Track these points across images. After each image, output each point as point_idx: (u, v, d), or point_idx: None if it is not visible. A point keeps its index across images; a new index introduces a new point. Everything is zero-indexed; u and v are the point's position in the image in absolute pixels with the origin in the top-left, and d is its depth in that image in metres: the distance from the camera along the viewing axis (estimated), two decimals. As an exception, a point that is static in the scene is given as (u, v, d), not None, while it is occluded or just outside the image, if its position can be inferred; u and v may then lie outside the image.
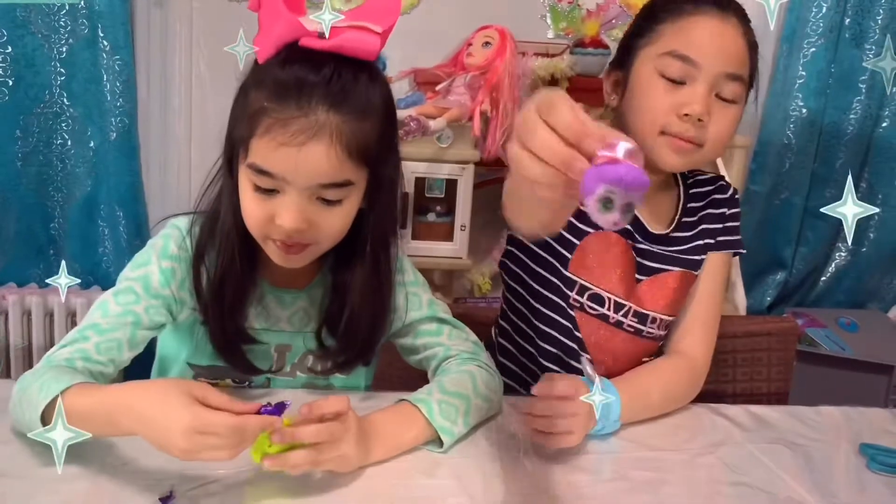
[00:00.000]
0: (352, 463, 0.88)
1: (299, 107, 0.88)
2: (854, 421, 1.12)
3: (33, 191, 2.15)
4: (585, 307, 1.17)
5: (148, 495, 0.81)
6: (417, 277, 1.12)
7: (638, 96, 1.12)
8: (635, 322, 1.18)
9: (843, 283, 2.44)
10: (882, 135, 2.30)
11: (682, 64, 1.07)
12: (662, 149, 1.10)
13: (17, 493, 0.81)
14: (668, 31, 1.10)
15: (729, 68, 1.08)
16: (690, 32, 1.09)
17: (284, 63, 0.90)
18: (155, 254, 1.00)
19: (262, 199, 0.92)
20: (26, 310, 2.10)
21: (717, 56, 1.07)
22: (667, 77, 1.08)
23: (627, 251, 1.17)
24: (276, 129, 0.88)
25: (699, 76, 1.07)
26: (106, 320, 0.97)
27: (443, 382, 1.01)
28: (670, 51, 1.08)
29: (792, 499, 0.90)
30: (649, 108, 1.10)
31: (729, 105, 1.10)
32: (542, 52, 2.19)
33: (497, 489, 0.89)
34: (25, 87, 2.07)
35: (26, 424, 0.87)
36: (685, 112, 1.07)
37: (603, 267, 1.16)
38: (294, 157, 0.88)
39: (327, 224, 0.94)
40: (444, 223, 2.03)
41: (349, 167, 0.91)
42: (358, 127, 0.90)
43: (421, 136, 1.90)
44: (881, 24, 2.21)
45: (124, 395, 0.84)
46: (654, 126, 1.09)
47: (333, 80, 0.89)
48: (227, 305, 0.99)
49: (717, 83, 1.08)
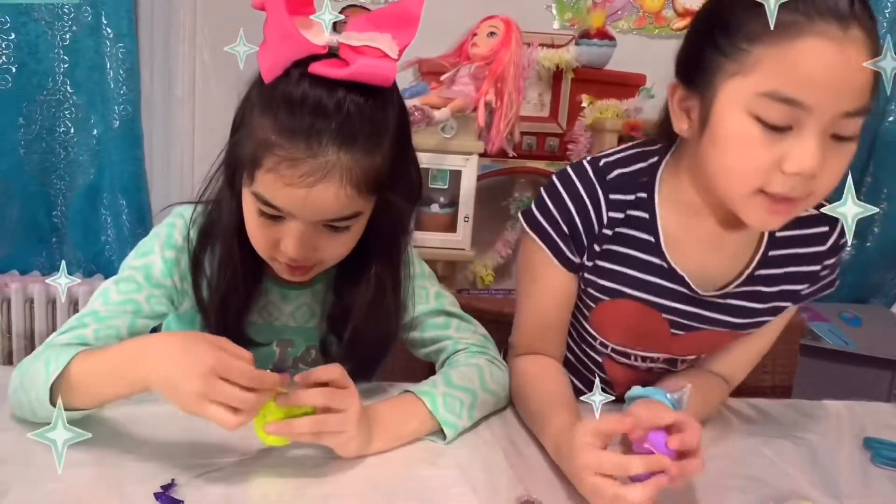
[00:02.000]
0: (352, 444, 0.88)
1: (308, 147, 0.84)
2: (858, 415, 1.12)
3: (36, 179, 2.15)
4: (612, 357, 1.11)
5: (149, 483, 0.81)
6: (424, 269, 1.11)
7: (725, 145, 0.85)
8: (666, 365, 1.10)
9: (847, 278, 2.42)
10: (888, 129, 2.29)
11: (786, 108, 0.80)
12: (757, 211, 0.86)
13: (19, 481, 0.81)
14: (768, 58, 0.80)
15: (851, 105, 0.80)
16: (799, 64, 0.78)
17: (293, 93, 0.84)
18: (158, 243, 1.00)
19: (266, 224, 0.90)
20: (29, 297, 2.10)
21: (836, 96, 0.79)
22: (766, 123, 0.81)
23: (651, 317, 1.02)
24: (284, 168, 0.84)
25: (810, 121, 0.80)
26: (106, 308, 0.97)
27: (449, 375, 1.01)
28: (772, 91, 0.80)
29: (796, 492, 0.90)
30: (743, 165, 0.84)
31: (845, 143, 0.83)
32: (548, 43, 2.18)
33: (500, 480, 0.88)
34: (28, 75, 2.07)
35: (29, 405, 0.87)
36: (793, 171, 0.81)
37: (623, 331, 1.06)
38: (302, 198, 0.85)
39: (333, 247, 0.93)
40: (448, 214, 2.03)
41: (358, 201, 0.88)
42: (369, 162, 0.87)
43: (425, 126, 1.89)
44: (889, 18, 2.20)
45: (146, 339, 0.87)
46: (748, 186, 0.85)
47: (345, 120, 0.84)
48: (228, 320, 0.99)
49: (833, 125, 0.81)
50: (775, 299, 1.02)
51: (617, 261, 1.00)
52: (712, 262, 0.99)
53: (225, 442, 0.90)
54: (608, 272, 1.01)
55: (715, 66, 0.84)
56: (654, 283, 1.00)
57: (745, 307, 1.02)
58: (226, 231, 0.96)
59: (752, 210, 0.87)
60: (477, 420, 1.00)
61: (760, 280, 1.01)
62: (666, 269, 0.99)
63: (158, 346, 0.84)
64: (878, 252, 2.39)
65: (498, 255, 2.34)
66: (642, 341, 1.07)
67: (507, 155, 2.08)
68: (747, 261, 1.00)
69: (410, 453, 0.93)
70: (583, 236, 0.99)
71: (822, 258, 1.01)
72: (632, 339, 1.07)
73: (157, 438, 0.90)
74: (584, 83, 2.19)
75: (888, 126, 2.29)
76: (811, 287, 1.04)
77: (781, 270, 1.01)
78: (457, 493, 0.85)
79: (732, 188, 0.87)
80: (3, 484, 0.80)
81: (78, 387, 0.84)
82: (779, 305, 1.03)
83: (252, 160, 0.87)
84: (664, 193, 0.98)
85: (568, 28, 2.28)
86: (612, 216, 0.98)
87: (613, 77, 2.21)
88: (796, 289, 1.02)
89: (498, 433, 1.00)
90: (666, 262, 0.99)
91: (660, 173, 0.99)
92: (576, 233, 0.99)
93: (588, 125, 2.13)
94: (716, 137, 0.86)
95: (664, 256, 0.99)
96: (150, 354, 0.82)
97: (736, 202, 0.88)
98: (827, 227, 1.00)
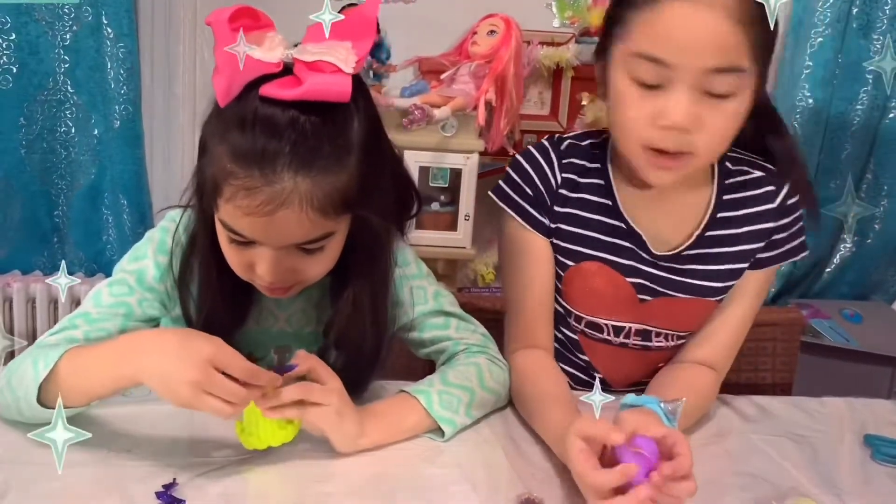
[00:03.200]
0: (345, 428, 0.88)
1: (263, 175, 0.80)
2: (858, 412, 1.12)
3: (37, 179, 2.15)
4: (586, 332, 1.14)
5: (151, 482, 0.81)
6: (421, 269, 1.10)
7: (614, 104, 0.96)
8: (639, 340, 1.12)
9: (848, 275, 2.43)
10: (889, 126, 2.28)
11: (653, 66, 0.89)
12: (646, 166, 0.95)
13: (19, 480, 0.81)
14: (638, 22, 0.90)
15: (712, 62, 0.87)
16: (657, 25, 0.89)
17: (246, 117, 0.81)
18: (152, 248, 0.99)
19: (239, 249, 0.88)
20: (31, 297, 2.11)
21: (693, 53, 0.87)
22: (639, 82, 0.91)
23: (617, 281, 1.07)
24: (241, 198, 0.81)
25: (675, 77, 0.89)
26: (97, 310, 0.97)
27: (446, 374, 1.01)
28: (638, 51, 0.90)
29: (796, 489, 0.90)
30: (625, 120, 0.94)
31: (723, 101, 0.90)
32: (548, 42, 2.18)
33: (500, 478, 0.88)
34: (29, 75, 2.07)
35: (16, 405, 0.87)
36: (665, 124, 0.90)
37: (591, 297, 1.10)
38: (263, 226, 0.83)
39: (309, 269, 0.91)
40: (448, 213, 2.03)
41: (326, 224, 0.85)
42: (331, 184, 0.83)
43: (425, 125, 1.89)
44: (889, 15, 2.19)
45: (137, 334, 0.88)
46: (634, 141, 0.94)
47: (299, 141, 0.80)
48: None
49: (701, 81, 0.88)
50: (732, 261, 1.06)
51: (579, 224, 1.07)
52: (665, 225, 1.06)
53: (226, 441, 0.90)
54: (572, 235, 1.07)
55: (610, 35, 0.96)
56: (614, 244, 1.06)
57: (703, 270, 1.06)
58: (204, 255, 0.94)
59: (642, 165, 0.96)
60: (478, 418, 1.00)
61: (712, 241, 1.06)
62: (625, 229, 1.06)
63: (151, 340, 0.84)
64: (879, 249, 2.39)
65: (499, 253, 2.35)
66: (612, 309, 1.09)
67: (508, 153, 2.08)
68: (697, 222, 1.06)
69: (410, 451, 0.93)
70: (544, 194, 1.07)
71: (773, 216, 1.05)
72: (601, 306, 1.10)
73: (157, 437, 0.90)
74: (584, 81, 2.19)
75: (889, 123, 2.28)
76: (772, 251, 1.07)
77: (733, 231, 1.05)
78: (457, 491, 0.85)
79: (624, 144, 0.97)
80: (3, 484, 0.80)
81: (67, 384, 0.83)
82: (737, 268, 1.07)
83: (213, 188, 0.84)
84: (615, 163, 1.07)
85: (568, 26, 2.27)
86: (566, 177, 1.07)
87: (614, 75, 2.20)
88: (751, 248, 1.06)
89: (498, 431, 1.00)
90: (624, 223, 1.06)
91: (609, 144, 1.08)
92: (538, 192, 1.07)
93: (588, 123, 2.13)
94: (611, 99, 0.97)
95: (622, 217, 1.06)
96: (142, 349, 0.82)
97: (632, 158, 0.97)
98: (773, 186, 1.06)
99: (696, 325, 1.11)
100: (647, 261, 1.06)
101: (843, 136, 2.28)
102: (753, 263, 1.07)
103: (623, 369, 1.15)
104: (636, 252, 1.06)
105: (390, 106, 1.90)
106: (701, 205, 1.06)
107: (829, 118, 2.26)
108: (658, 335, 1.11)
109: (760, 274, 1.08)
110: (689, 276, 1.07)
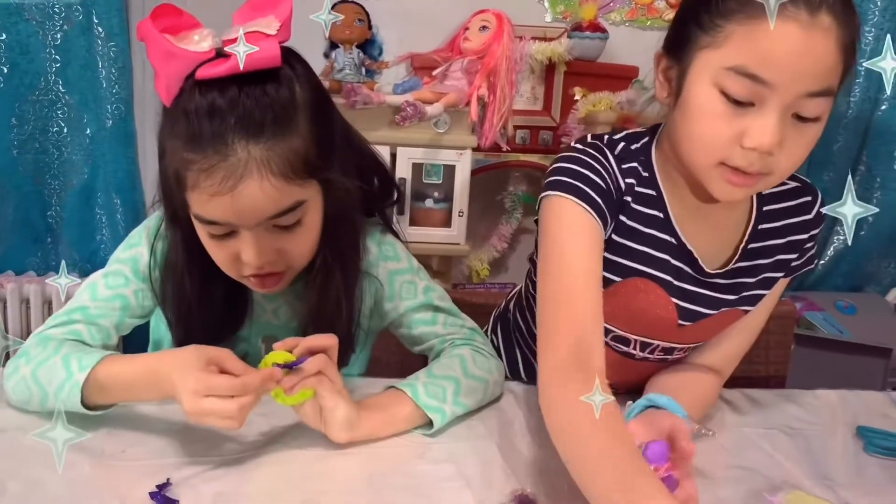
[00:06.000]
0: (343, 410, 0.89)
1: (216, 150, 0.83)
2: (851, 404, 1.12)
3: (30, 179, 2.14)
4: (609, 345, 1.07)
5: (145, 482, 0.81)
6: (412, 264, 1.10)
7: (691, 115, 0.88)
8: (661, 354, 1.09)
9: (842, 267, 2.44)
10: (881, 118, 2.29)
11: (749, 83, 0.82)
12: (719, 182, 0.89)
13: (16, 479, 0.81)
14: (738, 35, 0.83)
15: (813, 87, 0.82)
16: (763, 41, 0.81)
17: (188, 106, 0.84)
18: (146, 235, 1.01)
19: (221, 243, 0.90)
20: (24, 298, 2.10)
21: (798, 76, 0.81)
22: (730, 97, 0.84)
23: (662, 302, 1.01)
24: (203, 180, 0.84)
25: (772, 99, 0.82)
26: (95, 304, 0.99)
27: (431, 367, 1.02)
28: (737, 66, 0.83)
29: (788, 482, 0.90)
30: (705, 135, 0.87)
31: (808, 124, 0.86)
32: (540, 36, 2.18)
33: (494, 473, 0.89)
34: (20, 75, 2.07)
35: (41, 397, 0.90)
36: (751, 146, 0.84)
37: (629, 315, 1.04)
38: (230, 203, 0.84)
39: (294, 248, 0.92)
40: (442, 209, 2.03)
41: (292, 190, 0.87)
42: (285, 147, 0.85)
43: (418, 121, 1.89)
44: (881, 7, 2.20)
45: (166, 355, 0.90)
46: (710, 157, 0.88)
47: (242, 105, 0.83)
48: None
49: (794, 104, 0.83)
50: (770, 270, 1.04)
51: (630, 236, 0.99)
52: (712, 239, 1.01)
53: (220, 441, 0.90)
54: (622, 248, 1.00)
55: (693, 39, 0.88)
56: (665, 261, 1.00)
57: (746, 283, 1.03)
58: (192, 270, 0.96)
59: (713, 180, 0.90)
60: (469, 408, 1.00)
61: (754, 254, 1.02)
62: (675, 245, 1.00)
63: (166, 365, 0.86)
64: (873, 240, 2.40)
65: (493, 249, 2.35)
66: (647, 329, 1.05)
67: (501, 149, 2.08)
68: (740, 236, 1.02)
69: (403, 448, 0.93)
70: (612, 192, 0.96)
71: (809, 227, 1.05)
72: (638, 325, 1.05)
73: (151, 438, 0.91)
74: (576, 76, 2.19)
75: (881, 115, 2.29)
76: (800, 260, 1.06)
77: (773, 242, 1.03)
78: (451, 487, 0.85)
79: (696, 158, 0.90)
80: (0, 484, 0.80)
81: (108, 388, 0.88)
82: (773, 277, 1.05)
83: (178, 184, 0.87)
84: (661, 172, 1.00)
85: (560, 21, 2.27)
86: (628, 182, 0.98)
87: (606, 69, 2.20)
88: (788, 258, 1.04)
89: (492, 427, 1.00)
90: (676, 238, 0.99)
91: (653, 152, 1.01)
92: (607, 184, 0.96)
93: (581, 118, 2.13)
94: (685, 106, 0.89)
95: (675, 232, 0.99)
96: (169, 368, 0.85)
97: (700, 172, 0.91)
98: (810, 196, 1.05)
99: (717, 334, 1.09)
100: (696, 280, 1.01)
101: (836, 129, 2.29)
102: (787, 272, 1.06)
103: (633, 377, 1.11)
104: (686, 271, 1.00)
105: (382, 102, 1.90)
106: (742, 217, 1.02)
107: (822, 111, 2.27)
108: (680, 350, 1.09)
109: (784, 281, 1.07)
110: (734, 292, 1.03)
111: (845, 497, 0.88)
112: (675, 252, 1.00)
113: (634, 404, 0.92)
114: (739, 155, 0.86)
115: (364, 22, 2.01)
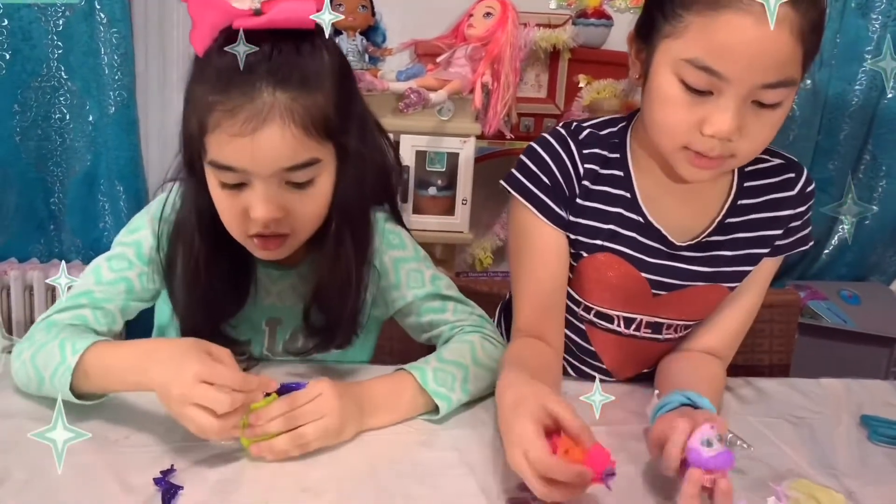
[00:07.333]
0: (344, 432, 0.89)
1: (243, 92, 0.84)
2: (855, 393, 1.12)
3: (33, 166, 2.14)
4: (594, 322, 1.11)
5: (149, 469, 0.81)
6: (418, 252, 1.11)
7: (655, 102, 0.92)
8: (649, 332, 1.10)
9: (846, 256, 2.43)
10: (887, 106, 2.28)
11: (705, 75, 0.85)
12: (683, 164, 0.93)
13: (19, 467, 0.81)
14: (695, 26, 0.85)
15: (769, 79, 0.84)
16: (717, 34, 0.83)
17: (221, 51, 0.85)
18: (148, 217, 1.01)
19: (231, 195, 0.90)
20: (28, 285, 2.10)
21: (753, 69, 0.84)
22: (687, 86, 0.87)
23: (631, 275, 1.04)
24: (225, 120, 0.84)
25: (729, 90, 0.85)
26: (99, 288, 0.99)
27: (441, 352, 1.02)
28: (693, 58, 0.85)
29: (793, 471, 0.90)
30: (667, 122, 0.91)
31: (769, 110, 0.88)
32: (544, 23, 2.17)
33: (497, 461, 0.89)
34: (22, 61, 2.06)
35: (38, 382, 0.90)
36: (710, 133, 0.87)
37: (603, 289, 1.07)
38: (249, 147, 0.85)
39: (302, 209, 0.91)
40: (446, 197, 2.03)
41: (310, 145, 0.87)
42: (310, 101, 0.86)
43: (422, 108, 1.88)
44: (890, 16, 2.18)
45: (157, 342, 0.92)
46: (673, 142, 0.92)
47: (274, 58, 0.85)
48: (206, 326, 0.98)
49: (753, 93, 0.86)
50: (751, 246, 1.05)
51: (597, 217, 1.03)
52: (685, 215, 1.03)
53: (223, 427, 0.90)
54: (590, 228, 1.04)
55: (657, 26, 0.90)
56: (631, 238, 1.03)
57: (723, 256, 1.04)
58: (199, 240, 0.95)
59: (679, 162, 0.94)
60: (474, 395, 1.00)
61: (733, 228, 1.04)
62: (643, 223, 1.03)
63: (161, 350, 0.87)
64: (878, 229, 2.39)
65: (497, 237, 2.34)
66: (624, 301, 1.07)
67: (505, 136, 2.07)
68: (717, 209, 1.03)
69: (408, 435, 0.93)
70: (563, 187, 1.03)
71: (792, 203, 1.05)
72: (613, 298, 1.07)
73: (155, 424, 0.90)
74: (581, 63, 2.18)
75: (887, 103, 2.28)
76: (788, 238, 1.06)
77: (754, 216, 1.04)
78: (455, 474, 0.85)
79: (661, 141, 0.94)
80: (4, 470, 0.80)
81: (92, 376, 0.88)
82: (755, 253, 1.05)
83: (199, 128, 0.87)
84: (635, 153, 1.03)
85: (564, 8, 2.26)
86: (587, 167, 1.03)
87: (610, 57, 2.19)
88: (770, 234, 1.05)
89: (495, 414, 1.00)
90: (643, 217, 1.03)
91: (629, 134, 1.04)
92: (556, 184, 1.02)
93: (585, 105, 2.13)
94: (650, 92, 0.93)
95: (641, 211, 1.03)
96: (153, 359, 0.85)
97: (667, 154, 0.95)
98: (793, 173, 1.05)
99: (706, 314, 1.10)
100: (666, 254, 1.03)
101: (841, 117, 2.28)
102: (772, 250, 1.06)
103: (629, 360, 1.14)
104: (654, 247, 1.03)
105: (386, 90, 1.89)
106: (722, 192, 1.04)
107: (828, 98, 2.26)
108: (669, 327, 1.10)
109: (772, 262, 1.08)
110: (709, 264, 1.04)
111: (849, 486, 0.87)
112: (642, 229, 1.03)
113: (670, 398, 0.91)
114: (700, 140, 0.89)
115: (367, 9, 2.00)
